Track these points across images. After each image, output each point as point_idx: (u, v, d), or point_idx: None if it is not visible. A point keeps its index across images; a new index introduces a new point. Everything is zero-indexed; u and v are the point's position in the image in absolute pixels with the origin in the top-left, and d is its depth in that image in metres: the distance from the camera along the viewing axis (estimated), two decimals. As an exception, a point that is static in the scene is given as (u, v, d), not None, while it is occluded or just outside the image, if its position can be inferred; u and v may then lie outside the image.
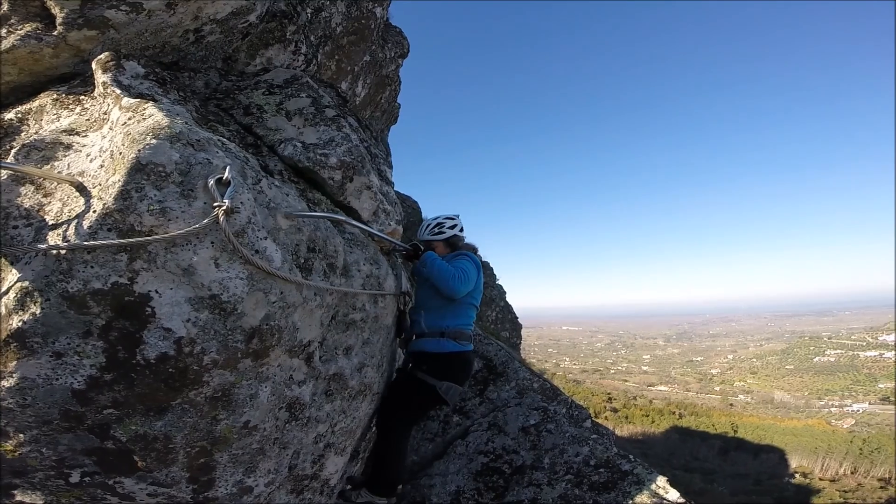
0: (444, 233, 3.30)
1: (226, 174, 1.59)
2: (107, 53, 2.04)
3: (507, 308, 12.74)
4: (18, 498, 1.63)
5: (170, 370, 1.52)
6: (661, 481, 3.46)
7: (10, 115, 1.99)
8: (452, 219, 3.37)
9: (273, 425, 1.97)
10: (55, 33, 2.05)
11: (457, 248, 3.31)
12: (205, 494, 1.81)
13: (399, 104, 8.29)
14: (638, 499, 3.30)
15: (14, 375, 1.40)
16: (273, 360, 1.84)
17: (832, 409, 54.13)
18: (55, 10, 2.04)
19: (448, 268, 2.99)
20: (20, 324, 1.37)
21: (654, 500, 3.31)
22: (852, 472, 26.49)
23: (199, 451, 1.71)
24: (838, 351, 76.82)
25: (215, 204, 1.53)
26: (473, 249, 3.34)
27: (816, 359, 76.15)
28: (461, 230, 3.38)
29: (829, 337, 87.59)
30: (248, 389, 1.76)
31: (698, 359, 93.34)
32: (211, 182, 1.56)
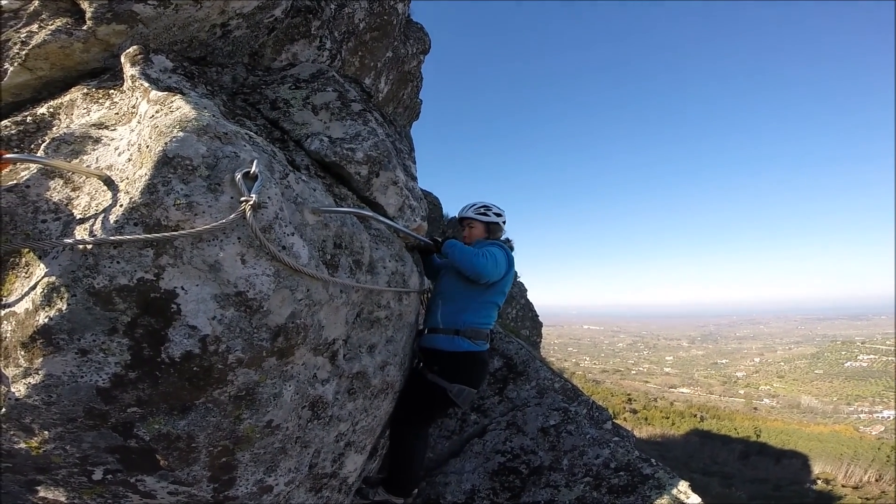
0: (489, 216, 3.19)
1: (253, 168, 1.55)
2: (135, 47, 2.04)
3: (528, 306, 12.63)
4: (42, 494, 1.63)
5: (194, 369, 1.49)
6: (683, 486, 3.37)
7: (42, 110, 2.01)
8: (500, 210, 3.26)
9: (295, 424, 1.95)
10: (85, 28, 2.06)
11: (495, 237, 3.19)
12: (225, 493, 1.80)
13: (421, 100, 8.25)
14: (658, 502, 3.22)
15: (40, 372, 1.39)
16: (298, 358, 1.81)
17: (861, 416, 52.45)
18: (84, 5, 2.06)
19: (472, 249, 2.86)
20: (46, 320, 1.35)
21: (675, 504, 3.23)
22: (877, 480, 25.70)
23: (222, 450, 1.68)
24: (871, 356, 74.31)
25: (242, 198, 1.50)
26: (510, 245, 3.19)
27: (848, 363, 73.79)
28: (504, 223, 3.26)
29: (863, 341, 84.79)
30: (272, 388, 1.73)
31: (723, 361, 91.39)
32: (238, 176, 1.52)
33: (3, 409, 1.44)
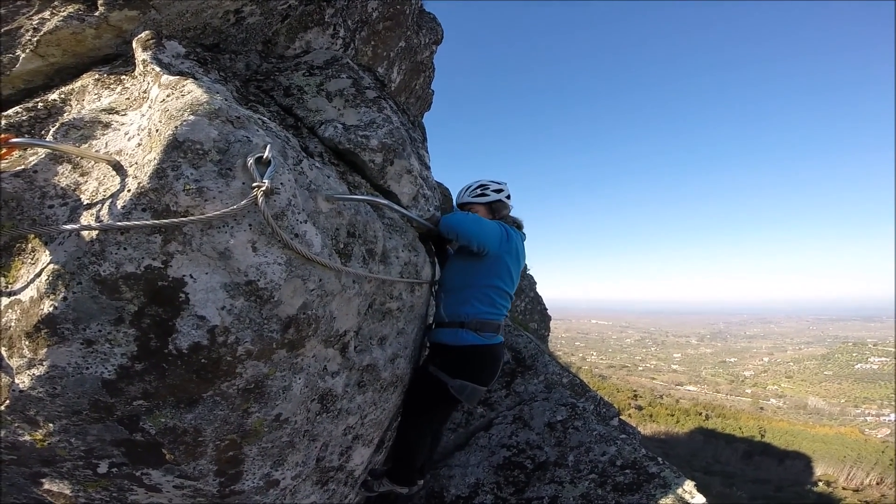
0: (488, 195, 2.93)
1: (266, 153, 1.50)
2: (147, 32, 2.00)
3: (537, 299, 12.58)
4: (47, 486, 1.61)
5: (202, 361, 1.45)
6: (689, 486, 3.34)
7: (53, 96, 1.98)
8: (499, 184, 2.97)
9: (304, 418, 1.92)
10: (97, 14, 2.03)
11: (501, 216, 2.93)
12: (231, 487, 1.77)
13: (433, 90, 8.17)
14: (662, 502, 3.19)
15: (44, 363, 1.35)
16: (308, 350, 1.76)
17: (868, 418, 52.08)
18: (96, -8, 2.02)
19: (462, 215, 2.65)
20: (51, 309, 1.31)
21: (680, 504, 3.20)
22: (878, 483, 25.55)
23: (229, 444, 1.65)
24: (883, 358, 73.60)
25: (254, 184, 1.44)
26: (518, 225, 2.96)
27: (858, 365, 73.16)
28: (508, 197, 2.97)
29: (875, 343, 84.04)
30: (282, 381, 1.69)
31: (732, 360, 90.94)
32: (250, 161, 1.47)
33: (8, 402, 1.41)
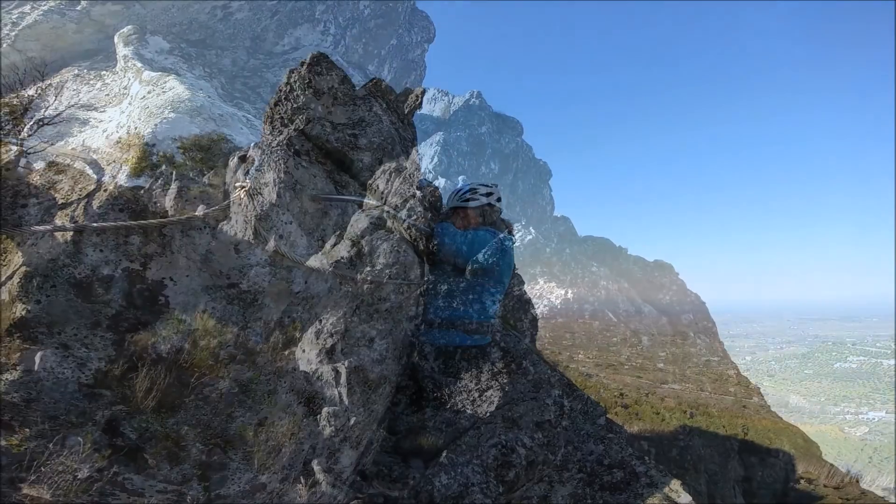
0: (477, 199, 2.89)
1: (249, 152, 1.46)
2: (130, 27, 1.97)
3: (525, 298, 12.55)
4: (25, 491, 1.56)
5: (183, 365, 1.41)
6: (675, 484, 3.37)
7: (30, 91, 1.91)
8: (488, 186, 2.94)
9: (290, 421, 1.88)
10: (79, 8, 2.01)
11: (491, 220, 2.93)
12: (216, 492, 1.73)
13: (424, 88, 8.12)
14: (649, 501, 3.22)
15: (18, 368, 1.30)
16: (294, 353, 1.73)
17: (847, 416, 53.06)
18: (78, -18, 1.96)
19: (455, 231, 2.68)
20: (24, 312, 1.26)
21: (666, 503, 3.23)
22: (858, 481, 26.12)
23: (212, 448, 1.61)
24: (861, 358, 75.16)
25: (237, 184, 1.41)
26: (508, 228, 3.00)
27: (837, 364, 74.61)
28: (498, 200, 2.97)
29: (853, 343, 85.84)
30: (267, 385, 1.66)
31: (715, 359, 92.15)
32: (233, 160, 1.44)
33: None
